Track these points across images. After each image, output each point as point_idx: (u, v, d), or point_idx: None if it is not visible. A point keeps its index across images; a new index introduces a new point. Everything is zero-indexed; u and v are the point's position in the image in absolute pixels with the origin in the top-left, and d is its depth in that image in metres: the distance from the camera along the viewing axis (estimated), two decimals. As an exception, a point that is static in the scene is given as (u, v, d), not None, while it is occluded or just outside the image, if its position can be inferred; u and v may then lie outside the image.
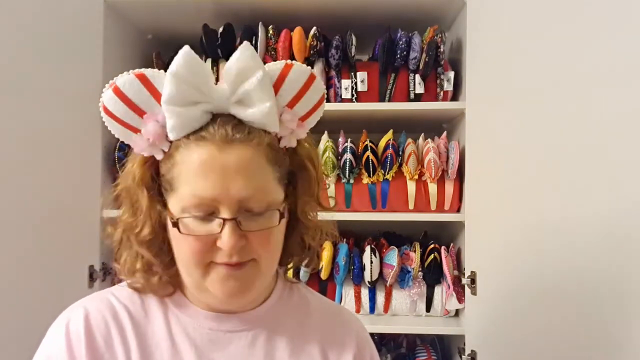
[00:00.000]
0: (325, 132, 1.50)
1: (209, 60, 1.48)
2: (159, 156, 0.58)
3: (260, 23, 1.45)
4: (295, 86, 0.61)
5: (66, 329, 0.61)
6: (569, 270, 0.87)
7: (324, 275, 1.46)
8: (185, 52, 0.55)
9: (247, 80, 0.56)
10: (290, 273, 0.79)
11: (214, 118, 0.57)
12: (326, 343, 0.69)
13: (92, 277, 1.32)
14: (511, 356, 1.10)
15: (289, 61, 0.60)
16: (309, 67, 0.62)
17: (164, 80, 0.56)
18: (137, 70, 0.57)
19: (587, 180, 0.81)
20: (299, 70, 0.61)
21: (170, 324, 0.64)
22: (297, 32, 1.43)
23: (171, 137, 0.57)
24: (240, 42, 1.42)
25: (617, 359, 0.75)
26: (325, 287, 1.49)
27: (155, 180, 0.60)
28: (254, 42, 1.45)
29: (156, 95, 0.57)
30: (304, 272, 1.44)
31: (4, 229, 1.03)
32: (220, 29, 1.44)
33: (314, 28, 1.44)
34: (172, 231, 0.59)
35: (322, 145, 1.47)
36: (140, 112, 0.58)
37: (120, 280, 0.67)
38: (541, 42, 0.96)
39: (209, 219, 0.57)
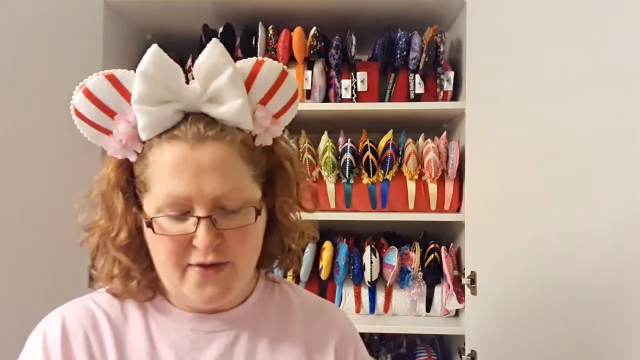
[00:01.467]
0: (325, 132, 1.50)
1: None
2: (132, 158, 0.58)
3: (260, 23, 1.45)
4: (268, 83, 0.60)
5: (43, 339, 0.60)
6: (570, 270, 0.87)
7: (324, 275, 1.46)
8: (154, 50, 0.55)
9: (218, 77, 0.56)
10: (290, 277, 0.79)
11: (186, 117, 0.57)
12: (310, 341, 0.68)
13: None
14: (511, 356, 1.10)
15: (260, 58, 0.60)
16: (281, 64, 0.61)
17: (134, 80, 0.55)
18: (106, 71, 0.57)
19: (588, 180, 0.81)
20: (271, 66, 0.60)
21: (150, 328, 0.63)
22: (297, 32, 1.44)
23: (143, 137, 0.56)
24: (241, 42, 1.44)
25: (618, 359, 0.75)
26: (325, 287, 1.49)
27: (131, 183, 0.60)
28: (254, 42, 1.45)
29: (126, 95, 0.57)
30: (303, 272, 1.44)
31: (4, 229, 1.03)
32: (220, 29, 1.44)
33: (314, 28, 1.44)
34: (147, 232, 0.58)
35: (322, 145, 1.47)
36: (110, 113, 0.57)
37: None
38: (541, 42, 0.96)
39: (183, 218, 0.56)
